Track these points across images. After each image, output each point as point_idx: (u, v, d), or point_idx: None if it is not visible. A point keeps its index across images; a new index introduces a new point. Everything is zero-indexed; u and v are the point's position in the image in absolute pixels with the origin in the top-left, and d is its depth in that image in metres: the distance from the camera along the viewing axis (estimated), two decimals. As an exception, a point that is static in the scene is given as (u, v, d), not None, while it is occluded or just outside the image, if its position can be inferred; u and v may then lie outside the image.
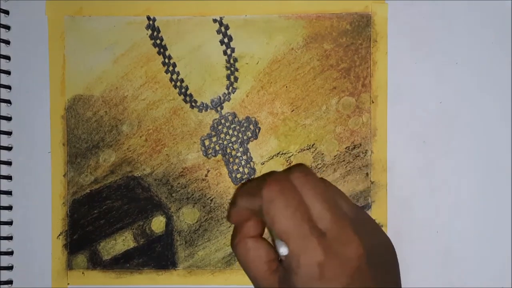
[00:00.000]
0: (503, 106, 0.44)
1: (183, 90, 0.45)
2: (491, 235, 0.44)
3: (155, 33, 0.45)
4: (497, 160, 0.44)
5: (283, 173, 0.36)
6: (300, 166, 0.37)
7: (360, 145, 0.44)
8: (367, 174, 0.44)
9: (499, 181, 0.44)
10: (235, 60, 0.44)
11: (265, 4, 0.44)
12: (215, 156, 0.45)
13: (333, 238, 0.35)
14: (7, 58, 0.45)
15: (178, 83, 0.45)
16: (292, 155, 0.44)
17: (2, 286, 0.45)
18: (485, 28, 0.44)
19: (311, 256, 0.34)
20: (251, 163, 0.45)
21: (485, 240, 0.44)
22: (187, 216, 0.45)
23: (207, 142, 0.45)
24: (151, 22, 0.45)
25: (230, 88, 0.45)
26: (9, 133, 0.45)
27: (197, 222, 0.45)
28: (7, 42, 0.45)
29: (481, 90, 0.44)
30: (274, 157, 0.45)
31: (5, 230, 0.45)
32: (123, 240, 0.45)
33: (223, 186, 0.45)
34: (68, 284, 0.45)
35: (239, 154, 0.45)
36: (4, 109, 0.45)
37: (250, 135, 0.45)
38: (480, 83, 0.44)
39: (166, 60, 0.45)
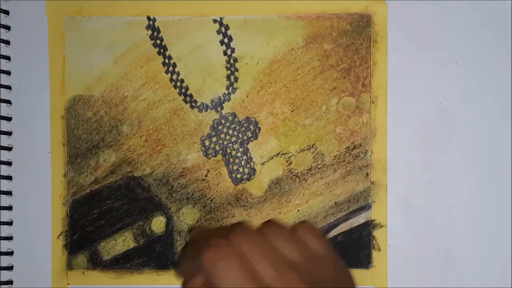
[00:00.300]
0: (503, 106, 0.44)
1: (183, 90, 0.45)
2: (491, 235, 0.44)
3: (155, 33, 0.45)
4: (497, 160, 0.44)
5: (222, 236, 0.35)
6: (239, 225, 0.36)
7: (360, 145, 0.44)
8: (367, 174, 0.44)
9: (499, 181, 0.44)
10: (235, 60, 0.44)
11: (265, 4, 0.44)
12: (215, 156, 0.45)
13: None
14: (7, 58, 0.45)
15: (178, 83, 0.45)
16: (292, 155, 0.44)
17: (2, 286, 0.45)
18: (485, 28, 0.44)
19: None
20: (251, 163, 0.45)
21: (485, 240, 0.44)
22: (187, 216, 0.45)
23: (207, 142, 0.45)
24: (151, 22, 0.45)
25: (230, 88, 0.45)
26: (9, 133, 0.45)
27: (197, 222, 0.45)
28: (7, 42, 0.45)
29: (481, 90, 0.44)
30: (274, 157, 0.45)
31: (5, 230, 0.45)
32: (123, 240, 0.45)
33: (223, 186, 0.45)
34: (68, 284, 0.45)
35: (239, 154, 0.45)
36: (4, 109, 0.45)
37: (250, 135, 0.45)
38: (480, 83, 0.44)
39: (166, 60, 0.45)
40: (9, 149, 0.45)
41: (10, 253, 0.45)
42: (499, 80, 0.44)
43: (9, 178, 0.45)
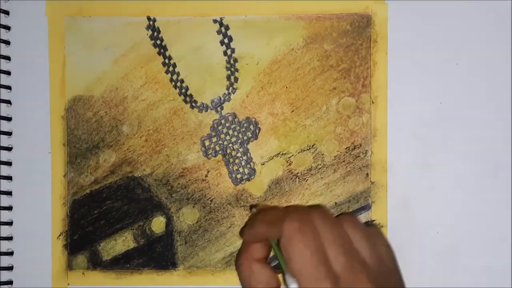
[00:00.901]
0: (503, 106, 0.44)
1: (183, 91, 0.45)
2: (491, 235, 0.44)
3: (155, 34, 0.45)
4: (497, 160, 0.44)
5: (304, 211, 0.36)
6: (320, 207, 0.38)
7: (360, 145, 0.44)
8: (367, 174, 0.44)
9: (499, 181, 0.44)
10: (235, 60, 0.44)
11: (265, 5, 0.44)
12: (215, 156, 0.45)
13: (346, 284, 0.35)
14: (7, 58, 0.45)
15: (178, 84, 0.45)
16: (292, 155, 0.44)
17: (2, 286, 0.45)
18: (485, 28, 0.44)
19: None
20: (251, 163, 0.45)
21: (485, 240, 0.44)
22: (187, 217, 0.45)
23: (207, 143, 0.45)
24: (151, 23, 0.45)
25: (230, 88, 0.45)
26: (9, 134, 0.45)
27: (197, 222, 0.45)
28: (7, 43, 0.45)
29: (481, 90, 0.44)
30: (274, 157, 0.45)
31: (5, 231, 0.45)
32: (123, 240, 0.45)
33: (223, 187, 0.45)
34: (68, 284, 0.45)
35: (239, 155, 0.45)
36: (4, 110, 0.45)
37: (250, 135, 0.45)
38: (480, 83, 0.44)
39: (166, 61, 0.45)
40: (9, 149, 0.45)
41: (10, 253, 0.45)
42: (499, 80, 0.44)
43: (9, 178, 0.45)
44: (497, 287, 0.44)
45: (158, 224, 0.45)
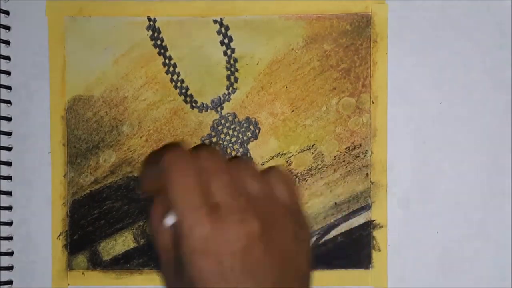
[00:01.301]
0: (503, 106, 0.44)
1: (183, 91, 0.45)
2: (491, 235, 0.44)
3: (156, 34, 0.45)
4: (497, 160, 0.44)
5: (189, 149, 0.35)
6: (208, 146, 0.36)
7: (360, 145, 0.44)
8: (367, 174, 0.44)
9: (499, 181, 0.44)
10: (235, 60, 0.44)
11: (265, 5, 0.44)
12: (215, 156, 0.45)
13: (226, 214, 0.33)
14: (7, 58, 0.45)
15: (179, 84, 0.45)
16: (292, 155, 0.44)
17: (2, 286, 0.45)
18: (485, 28, 0.44)
19: (196, 228, 0.32)
20: (251, 163, 0.45)
21: (485, 240, 0.44)
22: (187, 217, 0.45)
23: (207, 143, 0.45)
24: (151, 23, 0.45)
25: (230, 88, 0.45)
26: (9, 134, 0.45)
27: (197, 222, 0.45)
28: (7, 43, 0.45)
29: (481, 90, 0.44)
30: (274, 157, 0.45)
31: (5, 231, 0.45)
32: (123, 240, 0.45)
33: (223, 187, 0.45)
34: (68, 284, 0.45)
35: (239, 155, 0.45)
36: (4, 110, 0.45)
37: (250, 135, 0.45)
38: (480, 83, 0.44)
39: (167, 61, 0.45)
40: (9, 149, 0.45)
41: (10, 253, 0.45)
42: (499, 80, 0.44)
43: (9, 178, 0.45)
44: (497, 287, 0.44)
45: (158, 224, 0.45)
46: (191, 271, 0.33)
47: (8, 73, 0.45)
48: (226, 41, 0.44)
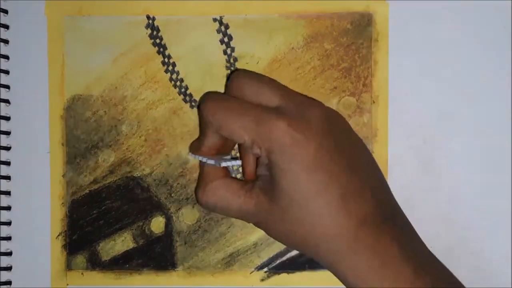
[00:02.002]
0: (503, 106, 0.44)
1: (183, 90, 0.44)
2: (491, 235, 0.44)
3: (155, 33, 0.44)
4: (498, 160, 0.44)
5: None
6: (236, 72, 0.38)
7: (361, 145, 0.44)
8: (367, 174, 0.44)
9: (499, 181, 0.44)
10: (235, 59, 0.44)
11: (265, 4, 0.44)
12: (215, 156, 0.44)
13: (290, 108, 0.34)
14: (6, 57, 0.45)
15: (178, 83, 0.44)
16: (292, 155, 0.44)
17: (1, 286, 0.44)
18: (486, 28, 0.44)
19: (273, 128, 0.33)
20: (251, 163, 0.44)
21: (485, 240, 0.44)
22: (186, 217, 0.45)
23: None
24: (150, 22, 0.44)
25: (230, 88, 0.44)
26: (7, 133, 0.45)
27: (196, 222, 0.45)
28: (6, 42, 0.45)
29: (481, 90, 0.44)
30: (274, 157, 0.44)
31: (4, 231, 0.45)
32: (123, 240, 0.45)
33: (223, 187, 0.44)
34: (67, 284, 0.45)
35: (239, 154, 0.44)
36: (3, 109, 0.45)
37: (250, 135, 0.44)
38: (480, 83, 0.44)
39: (166, 60, 0.44)
40: (7, 149, 0.45)
41: (9, 254, 0.45)
42: (499, 80, 0.44)
43: (7, 178, 0.45)
44: (497, 287, 0.44)
45: (157, 224, 0.45)
46: (289, 171, 0.33)
47: (6, 72, 0.45)
48: (226, 40, 0.44)
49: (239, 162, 0.38)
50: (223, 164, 0.37)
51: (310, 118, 0.34)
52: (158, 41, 0.44)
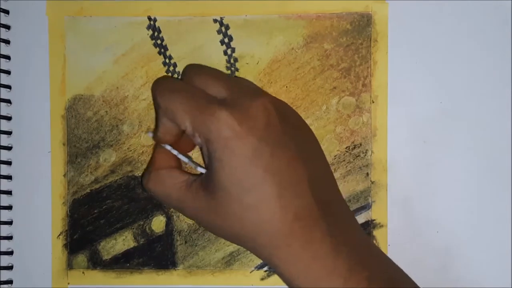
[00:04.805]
0: (503, 106, 0.44)
1: (183, 90, 0.45)
2: (492, 235, 0.44)
3: (156, 33, 0.45)
4: (498, 160, 0.44)
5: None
6: (188, 65, 0.39)
7: (361, 145, 0.44)
8: (367, 174, 0.44)
9: (499, 181, 0.44)
10: (236, 60, 0.44)
11: (265, 4, 0.44)
12: (215, 156, 0.45)
13: (235, 100, 0.34)
14: (7, 57, 0.45)
15: (179, 83, 0.45)
16: (292, 155, 0.44)
17: (2, 286, 0.45)
18: (485, 28, 0.44)
19: (214, 118, 0.33)
20: (252, 163, 0.45)
21: (485, 240, 0.44)
22: (187, 216, 0.45)
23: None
24: (151, 22, 0.45)
25: (231, 88, 0.44)
26: (9, 133, 0.45)
27: (197, 221, 0.45)
28: (7, 42, 0.45)
29: (481, 90, 0.44)
30: (275, 157, 0.45)
31: (5, 230, 0.45)
32: (123, 240, 0.45)
33: (224, 186, 0.45)
34: (68, 283, 0.45)
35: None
36: (4, 109, 0.45)
37: (250, 135, 0.45)
38: (480, 83, 0.44)
39: (167, 60, 0.45)
40: (9, 148, 0.45)
41: (10, 253, 0.45)
42: (499, 80, 0.44)
43: (9, 177, 0.45)
44: (497, 287, 0.44)
45: (158, 223, 0.45)
46: (227, 163, 0.33)
47: (8, 72, 0.45)
48: (226, 40, 0.44)
49: (185, 159, 0.39)
50: (173, 152, 0.38)
51: (253, 110, 0.34)
52: (159, 42, 0.45)
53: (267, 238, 0.33)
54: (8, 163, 0.45)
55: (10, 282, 0.45)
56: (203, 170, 0.38)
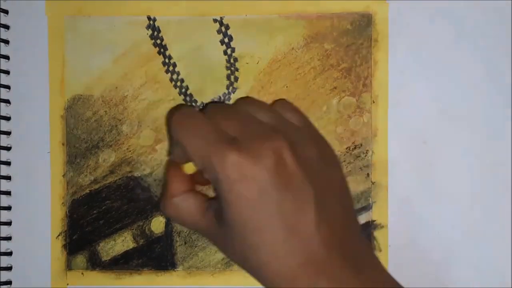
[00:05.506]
0: (503, 106, 0.44)
1: (183, 90, 0.45)
2: (492, 235, 0.44)
3: (155, 33, 0.44)
4: (498, 160, 0.44)
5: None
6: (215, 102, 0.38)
7: (361, 145, 0.44)
8: (368, 174, 0.44)
9: (499, 181, 0.44)
10: (236, 60, 0.44)
11: (266, 4, 0.44)
12: (215, 156, 0.44)
13: (246, 140, 0.33)
14: (6, 57, 0.45)
15: (178, 83, 0.44)
16: (292, 155, 0.44)
17: (1, 286, 0.44)
18: (486, 28, 0.44)
19: (225, 159, 0.32)
20: (252, 163, 0.44)
21: (485, 240, 0.44)
22: (187, 217, 0.44)
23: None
24: (151, 22, 0.44)
25: (231, 88, 0.44)
26: (8, 133, 0.45)
27: (197, 222, 0.44)
28: (6, 42, 0.45)
29: (482, 90, 0.44)
30: (275, 157, 0.44)
31: (4, 231, 0.45)
32: (123, 240, 0.45)
33: (223, 187, 0.44)
34: (68, 284, 0.45)
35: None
36: (3, 109, 0.45)
37: (250, 135, 0.44)
38: (480, 83, 0.44)
39: (167, 60, 0.44)
40: (8, 149, 0.45)
41: (9, 254, 0.45)
42: (499, 80, 0.44)
43: (8, 178, 0.45)
44: (497, 287, 0.44)
45: (157, 224, 0.45)
46: (232, 204, 0.32)
47: (7, 72, 0.45)
48: (226, 40, 0.44)
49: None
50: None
51: (263, 152, 0.33)
52: (158, 41, 0.44)
53: (270, 280, 0.33)
54: (7, 163, 0.45)
55: (9, 282, 0.45)
56: None
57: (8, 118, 0.45)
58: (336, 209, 0.34)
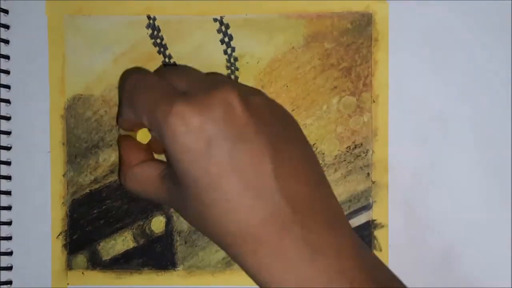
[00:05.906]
0: (503, 106, 0.44)
1: (183, 90, 0.44)
2: (492, 235, 0.44)
3: (156, 33, 0.44)
4: (498, 160, 0.44)
5: None
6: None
7: (361, 144, 0.44)
8: (368, 174, 0.44)
9: (500, 181, 0.44)
10: (236, 59, 0.44)
11: (266, 4, 0.44)
12: (215, 155, 0.44)
13: (196, 91, 0.32)
14: (7, 57, 0.45)
15: (178, 83, 0.44)
16: (292, 154, 0.44)
17: (1, 286, 0.44)
18: (486, 28, 0.44)
19: (169, 112, 0.30)
20: (252, 162, 0.44)
21: (485, 240, 0.44)
22: (187, 216, 0.44)
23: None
24: (151, 22, 0.44)
25: (231, 87, 0.44)
26: (8, 133, 0.45)
27: (197, 222, 0.44)
28: (6, 42, 0.45)
29: (482, 90, 0.44)
30: (275, 156, 0.44)
31: (5, 230, 0.45)
32: (123, 240, 0.45)
33: (224, 186, 0.44)
34: (68, 284, 0.45)
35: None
36: (3, 109, 0.45)
37: (250, 134, 0.44)
38: (481, 82, 0.44)
39: (167, 60, 0.44)
40: (8, 148, 0.45)
41: (9, 253, 0.45)
42: (499, 80, 0.44)
43: (8, 178, 0.45)
44: (497, 287, 0.44)
45: (158, 224, 0.45)
46: (180, 160, 0.30)
47: (7, 72, 0.45)
48: (226, 39, 0.44)
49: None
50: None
51: (211, 101, 0.30)
52: (158, 41, 0.44)
53: (231, 241, 0.31)
54: (8, 163, 0.45)
55: (9, 282, 0.45)
56: None
57: (8, 118, 0.45)
58: (298, 162, 0.32)
